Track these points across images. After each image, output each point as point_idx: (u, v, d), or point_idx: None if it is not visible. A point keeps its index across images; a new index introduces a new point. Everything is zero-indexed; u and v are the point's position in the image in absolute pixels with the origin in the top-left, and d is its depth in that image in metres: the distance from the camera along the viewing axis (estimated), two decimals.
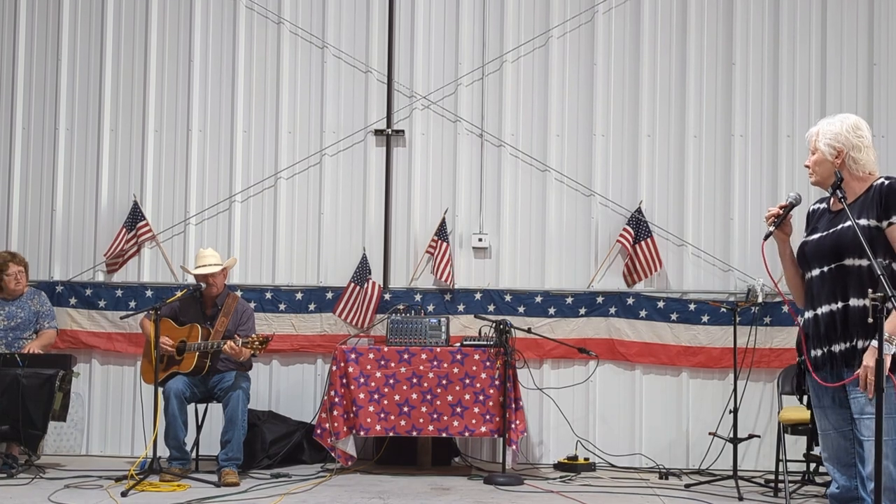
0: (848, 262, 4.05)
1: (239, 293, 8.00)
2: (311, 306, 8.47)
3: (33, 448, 7.47)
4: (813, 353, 4.17)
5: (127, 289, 8.55)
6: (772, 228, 4.25)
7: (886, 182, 4.08)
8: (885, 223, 4.01)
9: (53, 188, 8.72)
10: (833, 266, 4.10)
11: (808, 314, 4.19)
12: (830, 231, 4.16)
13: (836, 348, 4.05)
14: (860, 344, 3.97)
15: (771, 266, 4.47)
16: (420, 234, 8.53)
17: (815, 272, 4.18)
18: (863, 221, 4.03)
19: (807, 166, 4.30)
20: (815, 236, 4.23)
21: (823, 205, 4.34)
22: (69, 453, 8.39)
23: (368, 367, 7.53)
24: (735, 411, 7.33)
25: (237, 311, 7.56)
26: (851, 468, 4.14)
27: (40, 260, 8.66)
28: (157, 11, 8.75)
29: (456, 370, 7.52)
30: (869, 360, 3.85)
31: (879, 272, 3.76)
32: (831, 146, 4.17)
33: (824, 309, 4.11)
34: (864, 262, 3.98)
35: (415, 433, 7.53)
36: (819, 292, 4.13)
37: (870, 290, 3.77)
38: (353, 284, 8.33)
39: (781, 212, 4.25)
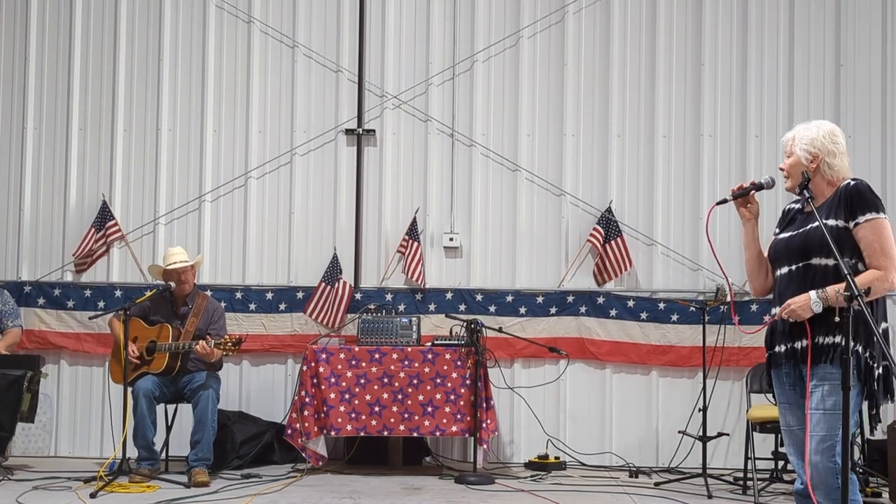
0: (815, 261, 4.13)
1: (209, 293, 7.97)
2: (282, 306, 8.45)
3: (1, 450, 7.40)
4: (777, 348, 4.26)
5: (96, 289, 8.49)
6: (728, 197, 4.41)
7: (852, 183, 4.17)
8: (851, 223, 4.09)
9: (21, 188, 8.65)
10: (801, 265, 4.18)
11: (775, 310, 4.25)
12: (800, 231, 4.24)
13: (799, 345, 4.12)
14: (821, 340, 4.04)
15: (711, 233, 4.60)
16: (391, 234, 8.53)
17: (783, 270, 4.26)
18: (831, 222, 4.11)
19: (781, 169, 4.38)
20: (785, 235, 4.31)
21: (798, 205, 4.41)
22: (37, 455, 8.33)
23: (339, 366, 7.52)
24: (704, 409, 7.38)
25: (208, 311, 7.53)
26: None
27: (8, 260, 8.60)
28: (126, 9, 8.70)
29: (427, 370, 7.52)
30: (798, 306, 4.03)
31: (847, 271, 3.82)
32: (807, 151, 4.25)
33: None
34: (831, 262, 4.07)
35: (386, 433, 7.52)
36: (785, 290, 4.21)
37: (838, 288, 3.86)
38: (323, 284, 8.32)
39: (746, 186, 4.39)
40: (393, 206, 8.56)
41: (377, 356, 7.55)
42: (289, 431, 7.55)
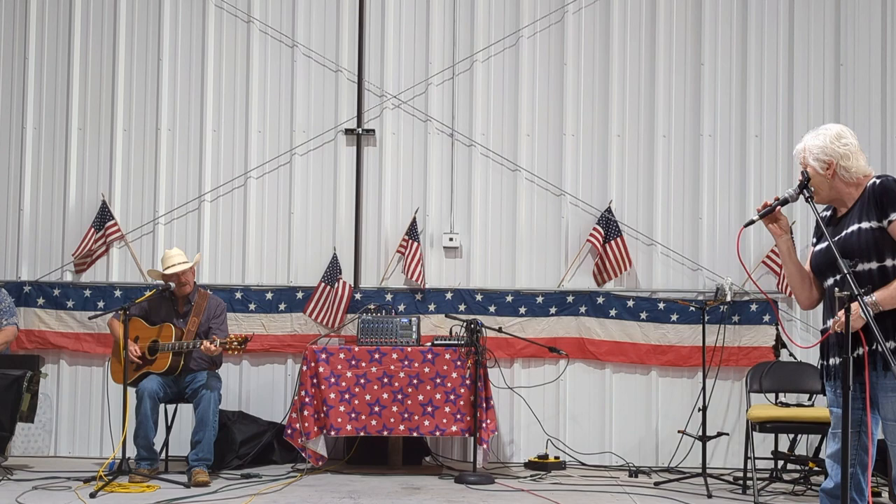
0: (858, 267, 4.04)
1: (210, 293, 7.96)
2: (282, 306, 8.45)
3: (0, 450, 7.40)
4: (832, 360, 4.19)
5: (95, 289, 8.49)
6: (755, 217, 4.29)
7: (878, 181, 4.12)
8: (885, 222, 4.04)
9: (21, 188, 8.64)
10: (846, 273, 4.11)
11: (829, 322, 4.18)
12: (836, 239, 4.16)
13: (856, 354, 4.03)
14: (879, 347, 3.95)
15: (742, 253, 4.49)
16: (391, 234, 8.53)
17: (830, 281, 4.19)
18: (864, 224, 4.06)
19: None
20: (823, 245, 4.24)
21: (830, 213, 4.35)
22: (37, 455, 8.33)
23: (339, 366, 7.52)
24: (704, 409, 7.38)
25: (209, 308, 7.53)
26: (850, 468, 4.15)
27: (7, 260, 8.60)
28: (125, 9, 8.69)
29: (427, 370, 7.52)
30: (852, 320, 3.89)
31: (846, 271, 3.80)
32: (820, 160, 4.19)
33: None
34: (874, 265, 4.02)
35: (386, 433, 7.52)
36: (835, 301, 4.10)
37: (836, 289, 3.83)
38: (323, 284, 8.32)
39: (771, 203, 4.28)
40: (393, 206, 8.56)
41: (377, 356, 7.55)
42: (289, 431, 7.55)
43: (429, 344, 7.74)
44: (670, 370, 8.34)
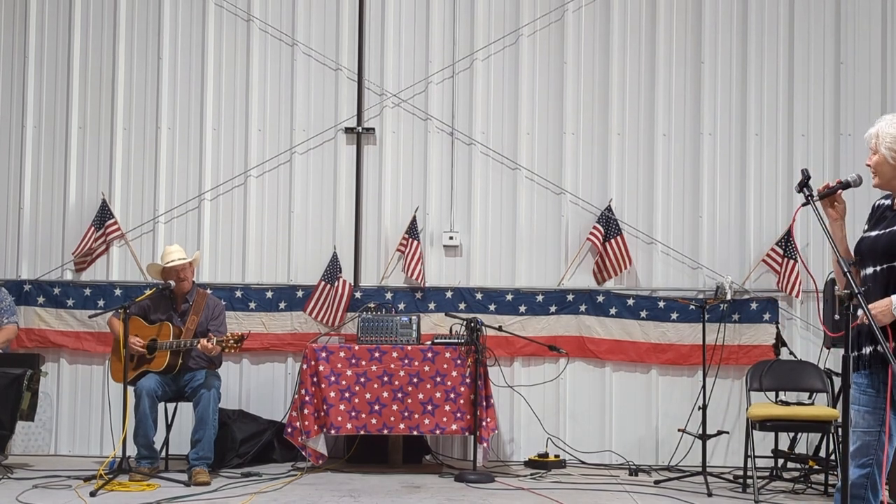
0: None
1: (209, 291, 7.96)
2: (282, 305, 8.44)
3: (1, 448, 7.40)
4: (864, 350, 4.16)
5: (95, 287, 8.49)
6: (815, 197, 4.22)
7: None
8: None
9: (21, 186, 8.64)
10: (885, 266, 4.10)
11: (860, 312, 4.17)
12: (887, 230, 4.14)
13: (870, 350, 4.04)
14: None
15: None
16: (391, 233, 8.52)
17: (869, 270, 4.17)
18: None
19: (868, 165, 4.28)
20: (873, 233, 4.21)
21: (888, 201, 4.31)
22: (37, 453, 8.33)
23: (339, 365, 7.52)
24: (704, 408, 7.38)
25: (208, 307, 7.54)
26: (867, 467, 4.15)
27: (7, 258, 8.60)
28: (125, 7, 8.69)
29: (427, 368, 7.52)
30: (879, 311, 3.92)
31: (846, 269, 3.79)
32: (892, 150, 4.16)
33: None
34: None
35: (386, 431, 7.52)
36: (872, 290, 4.10)
37: (837, 288, 3.81)
38: (323, 283, 8.32)
39: (832, 186, 4.22)
40: (393, 204, 8.56)
41: (377, 355, 7.55)
42: (289, 430, 7.55)
43: (429, 342, 7.74)
44: (670, 369, 8.34)
